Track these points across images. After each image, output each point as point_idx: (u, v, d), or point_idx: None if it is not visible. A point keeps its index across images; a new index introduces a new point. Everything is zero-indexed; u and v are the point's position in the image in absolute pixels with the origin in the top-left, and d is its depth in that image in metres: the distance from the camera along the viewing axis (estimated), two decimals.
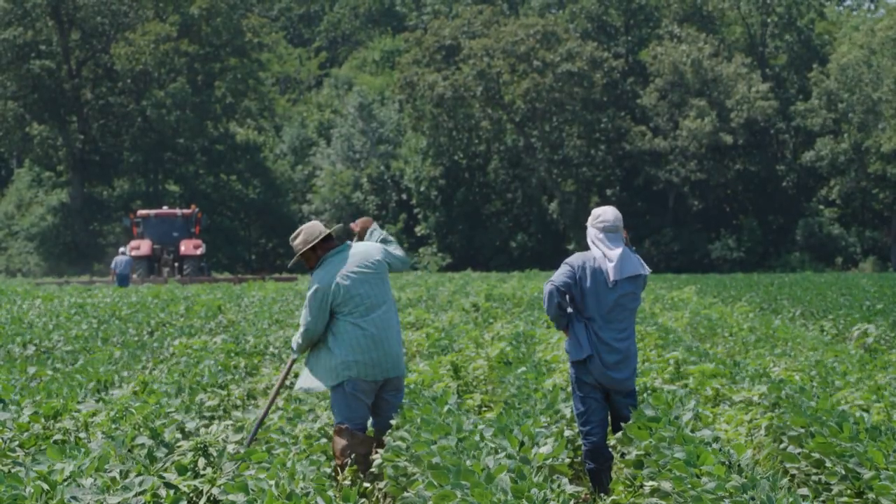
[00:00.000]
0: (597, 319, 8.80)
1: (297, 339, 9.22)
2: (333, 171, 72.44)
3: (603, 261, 8.84)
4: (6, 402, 10.31)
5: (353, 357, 9.02)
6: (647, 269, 8.97)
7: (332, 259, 9.12)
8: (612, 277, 8.78)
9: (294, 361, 9.62)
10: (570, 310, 8.87)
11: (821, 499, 7.89)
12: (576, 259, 8.88)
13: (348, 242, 9.26)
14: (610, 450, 8.78)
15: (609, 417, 8.95)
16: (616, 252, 8.85)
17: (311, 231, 9.17)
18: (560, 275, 8.84)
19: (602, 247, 8.87)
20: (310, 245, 9.14)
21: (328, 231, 9.22)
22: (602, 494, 8.59)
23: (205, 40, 70.09)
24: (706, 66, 67.64)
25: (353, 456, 8.86)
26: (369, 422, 9.27)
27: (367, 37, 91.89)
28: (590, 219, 9.02)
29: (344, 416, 9.03)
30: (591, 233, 8.94)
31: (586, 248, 9.06)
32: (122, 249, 46.14)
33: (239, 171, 72.19)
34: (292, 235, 9.24)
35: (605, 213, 8.96)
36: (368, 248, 9.23)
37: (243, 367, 14.68)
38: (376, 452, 8.87)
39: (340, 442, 8.90)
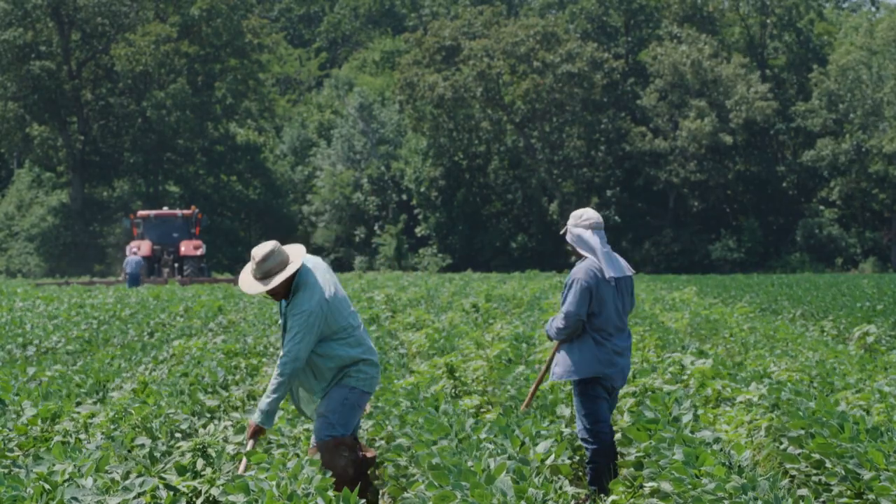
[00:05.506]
0: (610, 329, 8.82)
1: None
2: (334, 171, 72.44)
3: (600, 262, 8.86)
4: (6, 402, 10.32)
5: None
6: (629, 272, 8.97)
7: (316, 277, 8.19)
8: (608, 274, 8.80)
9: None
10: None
11: (821, 499, 7.90)
12: (584, 275, 8.80)
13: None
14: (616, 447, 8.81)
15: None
16: (606, 249, 8.88)
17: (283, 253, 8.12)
18: (579, 303, 8.75)
19: (592, 245, 8.87)
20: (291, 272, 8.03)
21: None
22: (602, 495, 8.59)
23: (205, 41, 70.10)
24: (706, 67, 67.65)
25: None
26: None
27: (368, 37, 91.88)
28: (571, 221, 8.98)
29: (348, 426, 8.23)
30: (578, 233, 8.90)
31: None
32: (132, 250, 46.36)
33: (239, 172, 72.19)
34: (268, 252, 8.02)
35: (587, 212, 8.97)
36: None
37: (244, 368, 14.69)
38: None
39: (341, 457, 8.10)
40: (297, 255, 8.10)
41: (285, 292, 8.10)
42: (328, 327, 8.09)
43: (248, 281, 8.10)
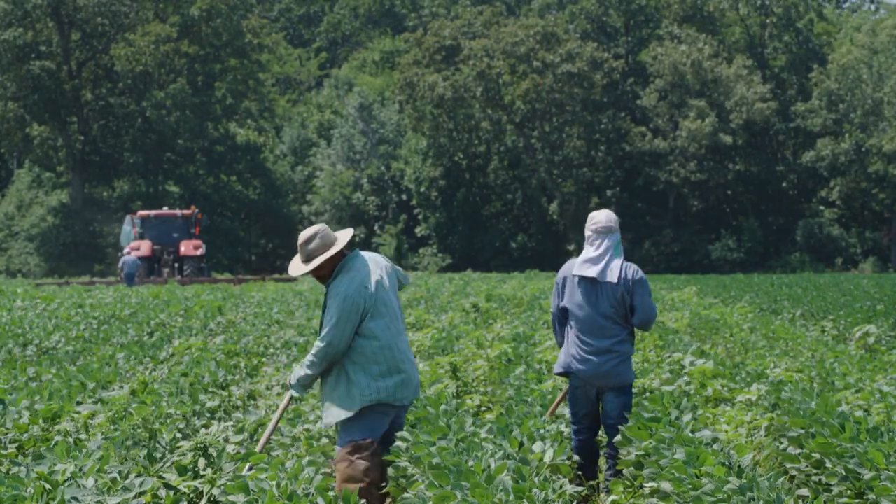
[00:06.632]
0: (582, 327, 8.82)
1: None
2: (334, 171, 72.44)
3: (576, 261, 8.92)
4: (6, 402, 10.32)
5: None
6: (610, 278, 8.76)
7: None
8: (573, 271, 8.82)
9: None
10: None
11: (821, 499, 7.89)
12: (561, 271, 8.99)
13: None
14: (597, 447, 8.92)
15: (601, 418, 9.04)
16: (591, 252, 8.83)
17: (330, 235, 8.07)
18: (553, 296, 9.01)
19: (585, 246, 8.93)
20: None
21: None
22: (599, 490, 8.66)
23: (205, 41, 70.10)
24: (706, 67, 67.65)
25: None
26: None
27: (367, 37, 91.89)
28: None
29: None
30: (586, 235, 9.00)
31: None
32: (126, 249, 46.42)
33: (239, 172, 72.19)
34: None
35: (596, 215, 8.97)
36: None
37: (243, 368, 14.69)
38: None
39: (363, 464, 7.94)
40: (343, 238, 8.06)
41: (330, 273, 8.02)
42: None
43: (294, 263, 8.13)
